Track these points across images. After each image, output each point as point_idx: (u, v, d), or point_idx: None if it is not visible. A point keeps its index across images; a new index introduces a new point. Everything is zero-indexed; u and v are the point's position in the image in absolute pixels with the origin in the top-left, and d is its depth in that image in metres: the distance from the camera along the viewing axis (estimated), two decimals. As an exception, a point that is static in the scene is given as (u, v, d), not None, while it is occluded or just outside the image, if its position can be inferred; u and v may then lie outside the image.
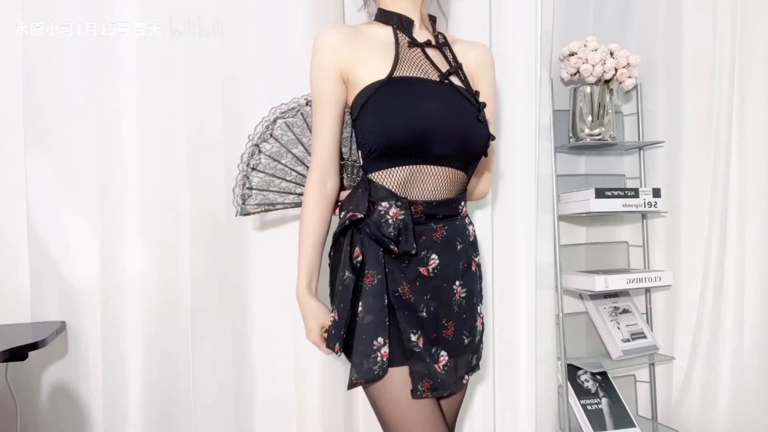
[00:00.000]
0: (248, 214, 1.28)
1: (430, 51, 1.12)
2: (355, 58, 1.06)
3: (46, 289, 1.30)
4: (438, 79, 1.09)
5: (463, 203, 1.13)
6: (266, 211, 1.29)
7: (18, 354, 1.05)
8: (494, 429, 1.63)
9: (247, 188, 1.25)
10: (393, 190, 1.04)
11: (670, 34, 1.85)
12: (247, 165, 1.25)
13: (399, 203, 1.03)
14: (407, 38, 1.11)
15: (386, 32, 1.12)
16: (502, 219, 1.64)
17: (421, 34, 1.14)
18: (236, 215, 1.27)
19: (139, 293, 1.32)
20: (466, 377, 1.12)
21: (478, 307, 1.15)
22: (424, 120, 1.02)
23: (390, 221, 1.02)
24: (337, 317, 1.03)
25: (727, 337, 1.76)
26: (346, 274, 1.02)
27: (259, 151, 1.25)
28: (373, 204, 1.04)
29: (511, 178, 1.64)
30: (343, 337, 1.02)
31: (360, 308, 1.01)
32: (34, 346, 1.08)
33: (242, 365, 1.43)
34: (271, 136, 1.25)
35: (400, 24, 1.12)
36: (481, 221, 1.60)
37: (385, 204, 1.03)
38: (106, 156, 1.30)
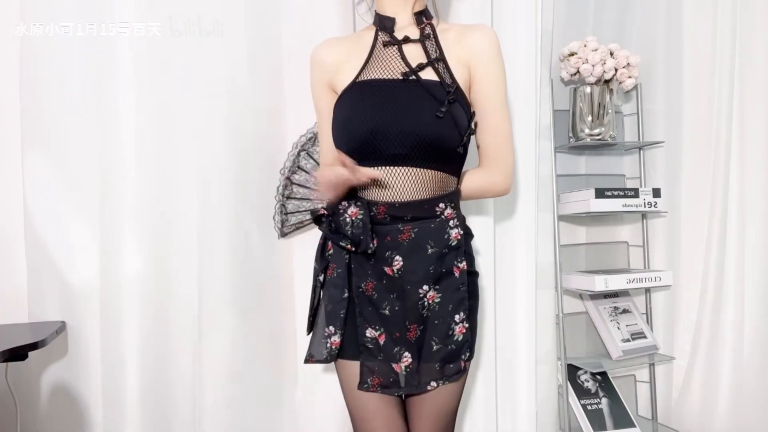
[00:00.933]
0: (286, 235, 1.46)
1: (409, 47, 1.11)
2: (336, 68, 1.15)
3: (45, 289, 1.30)
4: (401, 77, 1.07)
5: (443, 205, 1.07)
6: (298, 228, 1.47)
7: (18, 354, 1.05)
8: (495, 429, 1.63)
9: (284, 214, 1.44)
10: (357, 191, 1.08)
11: (670, 34, 1.85)
12: (283, 195, 1.43)
13: (358, 203, 1.05)
14: (386, 37, 1.13)
15: (371, 35, 1.16)
16: (502, 219, 1.64)
17: (406, 31, 1.14)
18: (278, 238, 1.46)
19: (139, 293, 1.32)
20: (433, 384, 1.05)
21: (458, 315, 1.06)
22: (369, 122, 1.04)
23: (348, 220, 1.05)
24: (310, 303, 1.15)
25: (727, 337, 1.76)
26: (314, 266, 1.14)
27: (291, 183, 1.44)
28: (339, 203, 1.08)
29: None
30: (310, 321, 1.14)
31: (324, 297, 1.11)
32: (34, 346, 1.08)
33: (242, 365, 1.43)
34: (299, 167, 1.43)
35: (382, 24, 1.16)
36: (481, 221, 1.60)
37: (344, 203, 1.07)
38: (105, 156, 1.30)
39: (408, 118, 1.04)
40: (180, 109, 1.34)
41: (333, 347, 1.07)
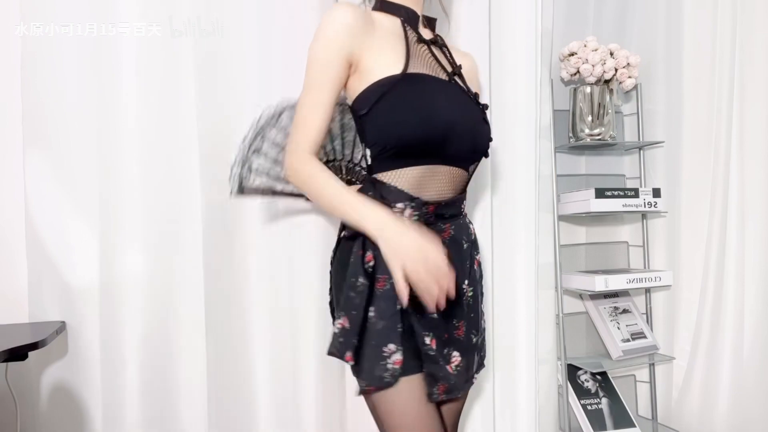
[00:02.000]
0: (244, 194, 1.23)
1: (434, 49, 1.11)
2: (368, 46, 1.01)
3: (45, 289, 1.29)
4: (446, 78, 1.07)
5: (464, 202, 1.13)
6: (264, 195, 1.25)
7: (18, 354, 1.05)
8: (494, 429, 1.63)
9: (246, 169, 1.21)
10: (406, 190, 1.01)
11: (670, 34, 1.85)
12: (249, 147, 1.21)
13: (413, 204, 1.00)
14: (415, 33, 1.08)
15: (394, 24, 1.07)
16: (502, 219, 1.64)
17: (424, 32, 1.13)
18: (230, 195, 1.23)
19: (139, 293, 1.32)
20: (476, 376, 1.13)
21: (481, 305, 1.14)
22: (442, 119, 0.99)
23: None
24: (347, 324, 0.96)
25: (727, 337, 1.76)
26: (360, 280, 0.96)
27: (263, 137, 1.21)
28: (389, 206, 0.99)
29: (511, 178, 1.64)
30: (355, 345, 0.95)
31: (372, 313, 0.95)
32: (34, 346, 1.07)
33: (243, 365, 1.43)
34: (277, 123, 1.22)
35: (408, 17, 1.08)
36: (481, 221, 1.60)
37: (400, 205, 1.00)
38: (106, 155, 1.30)
39: (472, 119, 1.06)
40: (180, 109, 1.34)
41: (396, 367, 0.94)
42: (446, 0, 1.36)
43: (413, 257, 0.88)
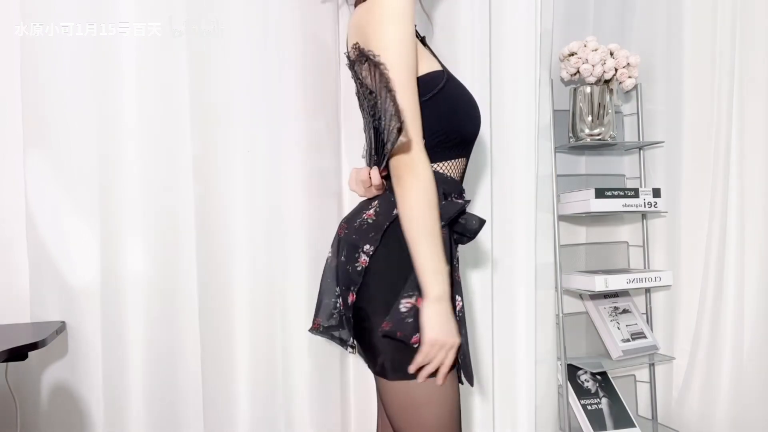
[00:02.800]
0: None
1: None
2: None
3: (46, 289, 1.29)
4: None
5: None
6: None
7: (18, 354, 1.05)
8: (494, 429, 1.63)
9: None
10: (456, 179, 1.03)
11: (670, 34, 1.85)
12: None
13: (464, 194, 1.04)
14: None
15: None
16: (502, 219, 1.64)
17: None
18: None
19: (140, 293, 1.32)
20: None
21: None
22: (480, 116, 1.07)
23: (467, 215, 1.00)
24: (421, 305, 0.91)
25: (727, 337, 1.76)
26: (458, 298, 0.96)
27: None
28: (445, 196, 0.98)
29: (511, 178, 1.64)
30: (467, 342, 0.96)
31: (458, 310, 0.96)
32: (34, 346, 1.07)
33: (244, 365, 1.43)
34: None
35: None
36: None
37: (454, 197, 1.01)
38: (106, 155, 1.30)
39: None
40: (179, 109, 1.34)
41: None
42: (428, 2, 1.34)
43: (445, 332, 0.89)
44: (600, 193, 1.69)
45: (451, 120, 0.99)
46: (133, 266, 1.32)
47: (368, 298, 0.96)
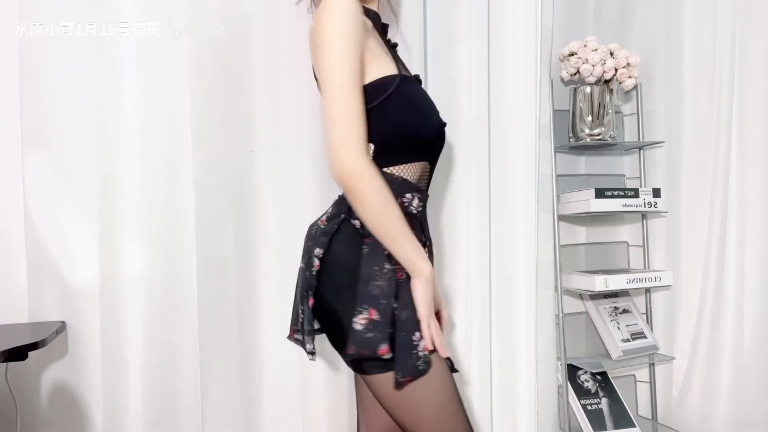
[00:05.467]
0: None
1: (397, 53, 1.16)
2: (367, 40, 0.98)
3: (45, 289, 1.29)
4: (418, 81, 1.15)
5: None
6: None
7: (18, 354, 1.05)
8: (493, 429, 1.63)
9: None
10: (413, 182, 1.04)
11: (670, 34, 1.85)
12: None
13: (419, 195, 1.04)
14: (384, 37, 1.12)
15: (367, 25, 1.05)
16: (502, 219, 1.64)
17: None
18: None
19: (140, 293, 1.32)
20: None
21: None
22: (438, 119, 1.09)
23: (414, 212, 1.03)
24: (376, 316, 0.91)
25: (727, 337, 1.76)
26: (386, 266, 0.94)
27: None
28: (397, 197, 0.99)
29: (511, 178, 1.64)
30: (391, 334, 0.91)
31: (395, 304, 0.94)
32: (34, 346, 1.07)
33: (245, 365, 1.43)
34: None
35: (375, 21, 1.10)
36: (480, 221, 1.60)
37: (409, 195, 1.02)
38: (105, 156, 1.30)
39: (440, 119, 1.12)
40: (179, 109, 1.33)
41: (426, 353, 0.93)
42: (395, 2, 1.35)
43: (431, 301, 0.96)
44: (600, 193, 1.69)
45: (400, 125, 1.00)
46: (133, 266, 1.32)
47: (325, 302, 0.98)
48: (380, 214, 0.92)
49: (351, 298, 0.94)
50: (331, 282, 0.98)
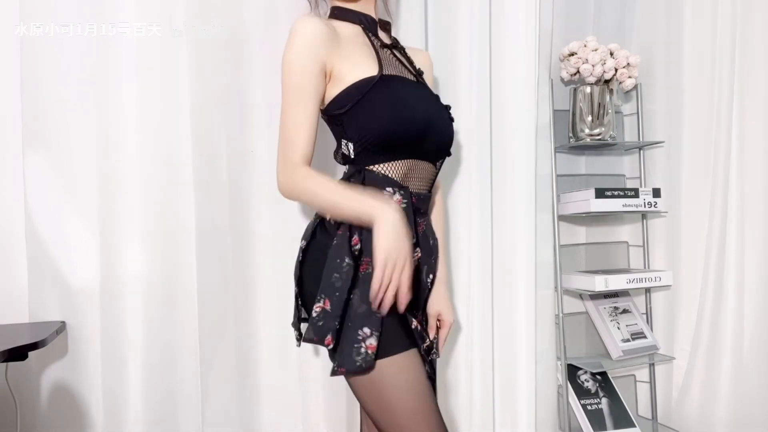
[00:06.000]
0: None
1: (396, 53, 1.16)
2: (338, 53, 1.04)
3: (45, 289, 1.29)
4: (415, 80, 1.14)
5: (431, 202, 1.19)
6: None
7: (18, 354, 1.05)
8: (493, 429, 1.63)
9: None
10: (395, 179, 1.05)
11: (670, 34, 1.85)
12: None
13: (402, 191, 1.04)
14: (377, 39, 1.13)
15: (355, 30, 1.11)
16: (501, 219, 1.64)
17: (383, 36, 1.16)
18: None
19: (140, 293, 1.32)
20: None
21: None
22: (420, 116, 1.05)
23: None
24: (329, 306, 0.96)
25: (727, 337, 1.76)
26: (346, 261, 0.97)
27: None
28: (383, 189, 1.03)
29: (511, 178, 1.64)
30: (336, 327, 0.95)
31: (354, 297, 0.96)
32: (34, 346, 1.07)
33: (246, 365, 1.43)
34: None
35: (367, 23, 1.13)
36: (480, 221, 1.60)
37: (389, 189, 1.03)
38: (106, 156, 1.30)
39: (445, 117, 1.13)
40: (179, 109, 1.33)
41: (369, 352, 0.93)
42: (393, 3, 1.36)
43: (396, 247, 0.91)
44: (600, 193, 1.69)
45: (369, 126, 1.02)
46: (133, 266, 1.32)
47: (305, 292, 1.07)
48: (319, 200, 1.02)
49: (316, 286, 0.99)
50: (309, 271, 1.06)
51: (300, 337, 1.09)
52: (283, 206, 1.44)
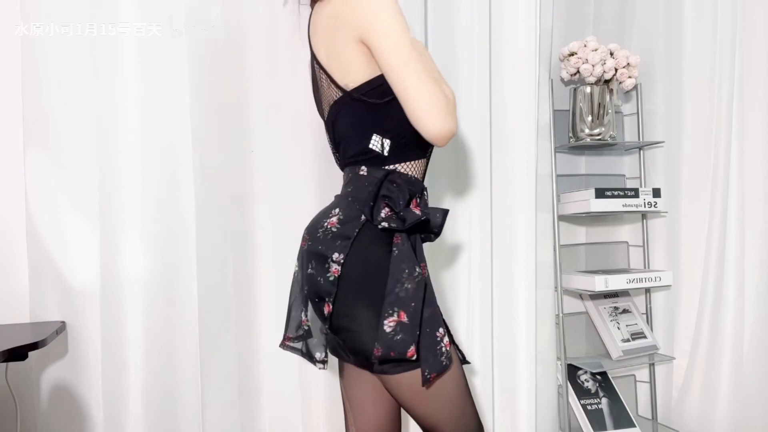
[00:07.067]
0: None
1: None
2: None
3: (46, 289, 1.29)
4: None
5: None
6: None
7: (18, 354, 1.05)
8: (494, 429, 1.63)
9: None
10: (421, 179, 1.04)
11: (670, 34, 1.85)
12: None
13: (426, 193, 1.04)
14: None
15: None
16: (501, 219, 1.64)
17: None
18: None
19: (139, 293, 1.32)
20: None
21: None
22: None
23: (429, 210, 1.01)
24: (405, 318, 0.91)
25: (727, 337, 1.76)
26: (417, 269, 0.94)
27: None
28: (411, 196, 1.00)
29: (511, 178, 1.64)
30: (418, 336, 0.91)
31: (427, 302, 0.95)
32: (34, 346, 1.07)
33: (246, 364, 1.43)
34: None
35: None
36: (480, 221, 1.60)
37: (425, 195, 1.04)
38: (106, 155, 1.30)
39: None
40: (179, 109, 1.34)
41: (448, 349, 0.94)
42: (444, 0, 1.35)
43: None
44: (600, 193, 1.69)
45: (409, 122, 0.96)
46: (133, 266, 1.32)
47: (348, 305, 0.94)
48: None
49: (379, 300, 0.92)
50: (357, 286, 0.95)
51: (324, 360, 1.04)
52: (283, 206, 1.44)
